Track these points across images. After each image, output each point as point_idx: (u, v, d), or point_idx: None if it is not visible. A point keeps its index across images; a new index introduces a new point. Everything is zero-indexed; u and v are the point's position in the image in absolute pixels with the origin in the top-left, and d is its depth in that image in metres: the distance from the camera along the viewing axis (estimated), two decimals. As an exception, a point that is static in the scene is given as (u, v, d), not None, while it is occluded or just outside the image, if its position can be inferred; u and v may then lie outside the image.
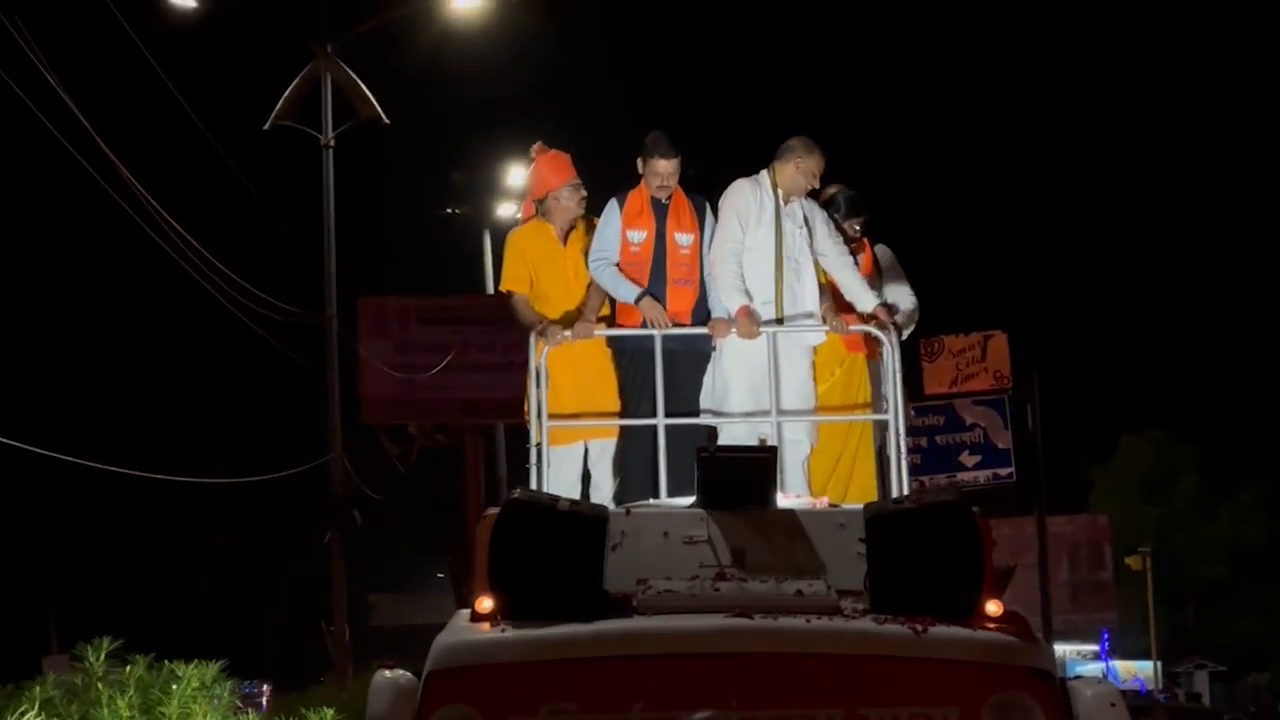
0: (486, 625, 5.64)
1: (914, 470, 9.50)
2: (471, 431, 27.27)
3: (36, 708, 15.54)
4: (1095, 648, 49.04)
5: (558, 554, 5.61)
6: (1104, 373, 63.21)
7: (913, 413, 15.73)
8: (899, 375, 9.05)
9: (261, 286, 23.26)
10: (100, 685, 16.86)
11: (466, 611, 5.86)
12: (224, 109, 29.97)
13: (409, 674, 5.53)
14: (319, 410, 26.50)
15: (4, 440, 15.80)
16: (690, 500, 6.81)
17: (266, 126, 26.61)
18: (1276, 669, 55.26)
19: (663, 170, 9.60)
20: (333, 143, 26.73)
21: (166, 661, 18.05)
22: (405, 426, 27.39)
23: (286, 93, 26.56)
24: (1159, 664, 49.82)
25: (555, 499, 5.90)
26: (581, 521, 5.71)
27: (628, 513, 6.61)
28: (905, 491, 8.65)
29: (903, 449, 8.82)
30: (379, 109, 26.84)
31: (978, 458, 27.09)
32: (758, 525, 6.44)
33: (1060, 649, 44.66)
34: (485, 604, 5.69)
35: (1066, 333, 59.50)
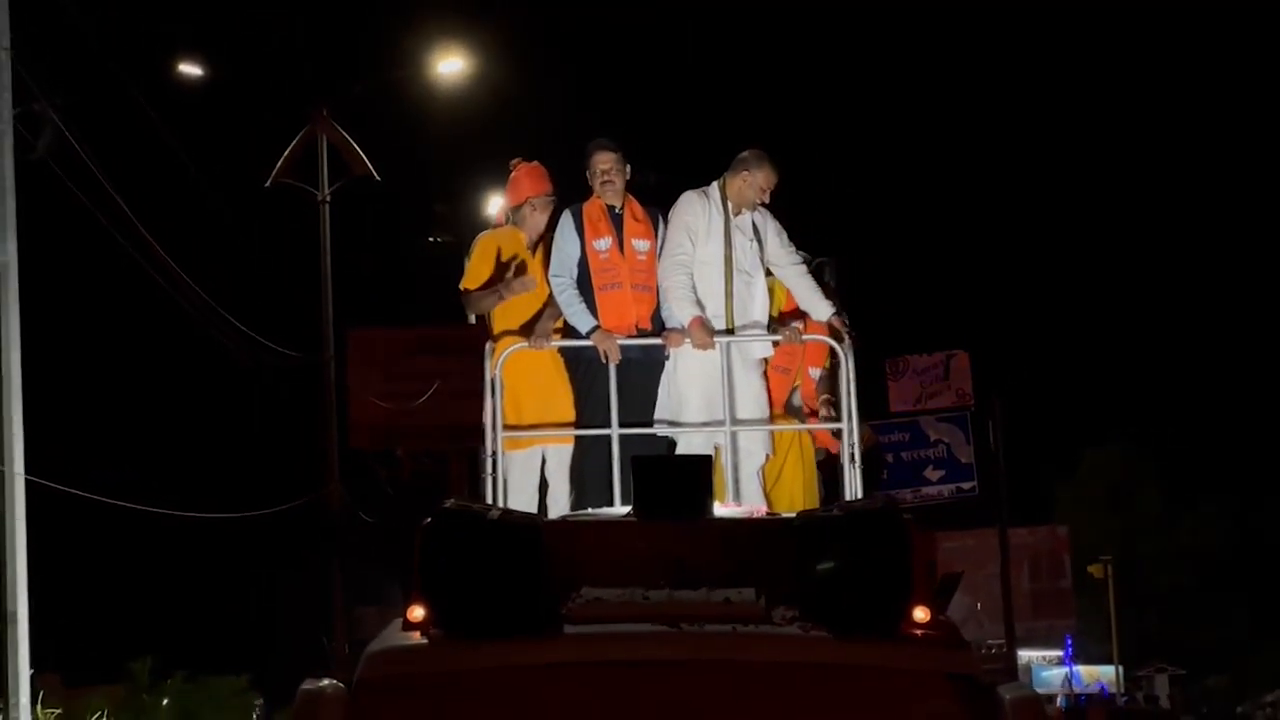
0: (418, 634, 5.42)
1: (880, 485, 9.31)
2: (456, 455, 27.21)
3: (104, 714, 16.52)
4: (1060, 653, 48.89)
5: (487, 563, 5.38)
6: (1065, 389, 63.00)
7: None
8: (853, 384, 8.85)
9: (253, 318, 23.31)
10: (145, 696, 17.72)
11: (400, 620, 5.66)
12: (226, 163, 30.14)
13: (337, 683, 5.31)
14: (313, 439, 26.48)
15: (32, 478, 16.16)
16: (628, 509, 6.62)
17: (267, 184, 26.76)
18: (1235, 672, 55.13)
19: (601, 164, 9.35)
20: (329, 198, 26.82)
21: (201, 675, 18.67)
22: (393, 450, 27.32)
23: (286, 152, 26.66)
24: (1121, 668, 49.68)
25: (488, 508, 5.69)
26: (511, 531, 5.48)
27: (563, 521, 6.41)
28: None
29: (856, 458, 8.63)
30: (370, 167, 26.94)
31: (941, 472, 26.98)
32: (692, 534, 6.21)
33: (1026, 654, 44.56)
34: (417, 613, 5.45)
35: (1028, 351, 59.24)
